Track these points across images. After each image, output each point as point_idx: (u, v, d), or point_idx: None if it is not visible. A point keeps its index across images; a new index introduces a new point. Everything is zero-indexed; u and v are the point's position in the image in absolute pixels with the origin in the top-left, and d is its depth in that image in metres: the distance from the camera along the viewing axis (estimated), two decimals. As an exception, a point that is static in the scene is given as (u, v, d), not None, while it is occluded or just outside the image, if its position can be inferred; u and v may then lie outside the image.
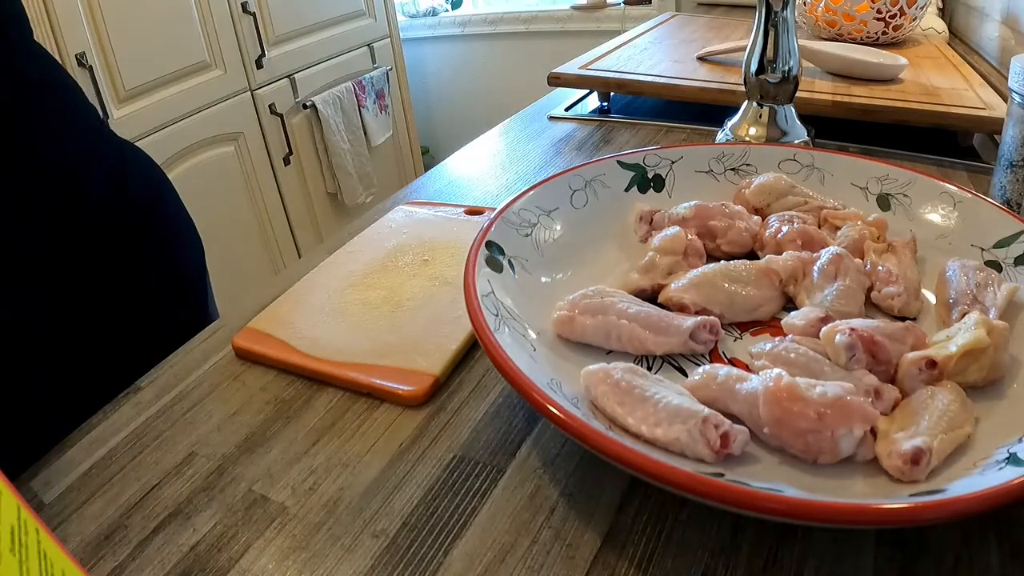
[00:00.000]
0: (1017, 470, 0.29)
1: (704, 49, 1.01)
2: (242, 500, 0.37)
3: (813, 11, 1.15)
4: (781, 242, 0.49)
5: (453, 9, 2.89)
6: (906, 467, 0.31)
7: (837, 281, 0.44)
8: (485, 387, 0.44)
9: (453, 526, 0.35)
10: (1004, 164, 0.55)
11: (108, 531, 0.36)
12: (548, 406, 0.32)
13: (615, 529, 0.34)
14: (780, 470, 0.34)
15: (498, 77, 2.76)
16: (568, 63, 0.99)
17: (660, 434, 0.33)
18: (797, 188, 0.55)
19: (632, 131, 0.87)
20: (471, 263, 0.42)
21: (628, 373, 0.36)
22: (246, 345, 0.48)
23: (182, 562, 0.34)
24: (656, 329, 0.41)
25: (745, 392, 0.35)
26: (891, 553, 0.32)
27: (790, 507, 0.28)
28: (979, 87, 0.85)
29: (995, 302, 0.41)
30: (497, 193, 0.72)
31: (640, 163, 0.57)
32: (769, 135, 0.69)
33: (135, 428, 0.43)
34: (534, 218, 0.50)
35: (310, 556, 0.34)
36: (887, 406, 0.36)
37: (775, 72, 0.67)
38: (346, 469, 0.39)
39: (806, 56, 0.89)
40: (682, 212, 0.52)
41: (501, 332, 0.38)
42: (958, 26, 1.34)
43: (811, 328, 0.40)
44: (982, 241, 0.48)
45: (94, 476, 0.40)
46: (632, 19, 2.36)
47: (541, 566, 0.33)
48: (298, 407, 0.43)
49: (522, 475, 0.38)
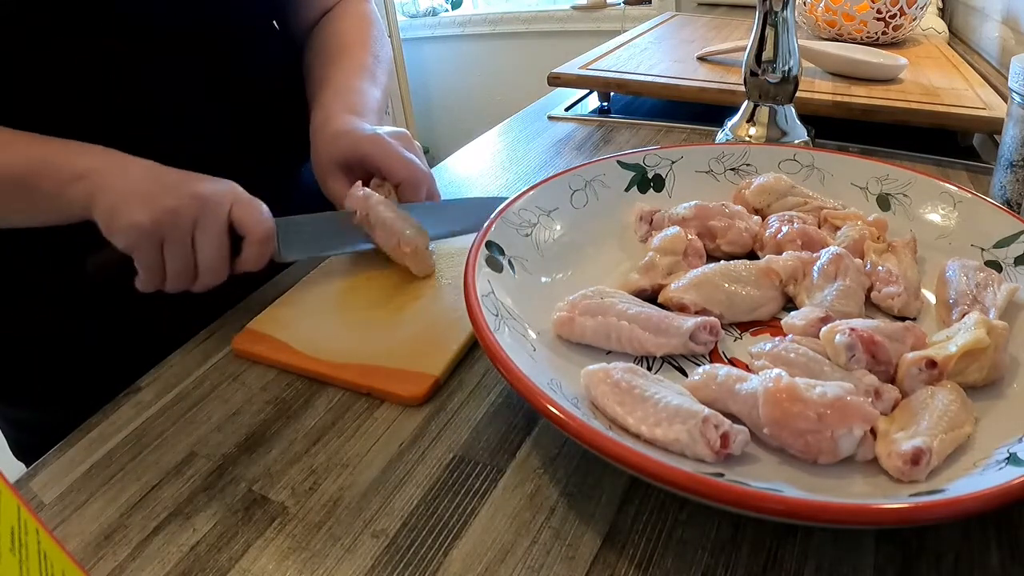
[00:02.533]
0: (1017, 470, 0.29)
1: (704, 49, 1.01)
2: (242, 500, 0.37)
3: (813, 11, 1.15)
4: (781, 242, 0.49)
5: (453, 9, 2.89)
6: (906, 467, 0.31)
7: (837, 281, 0.44)
8: (485, 387, 0.44)
9: (453, 526, 0.35)
10: (1004, 164, 0.55)
11: (108, 531, 0.36)
12: (548, 406, 0.32)
13: (615, 529, 0.34)
14: (780, 470, 0.34)
15: (498, 77, 2.76)
16: (568, 63, 1.00)
17: (660, 434, 0.33)
18: (797, 188, 0.55)
19: (632, 131, 0.87)
20: (471, 263, 0.42)
21: (628, 373, 0.36)
22: (246, 347, 0.48)
23: (182, 562, 0.34)
24: (656, 330, 0.41)
25: (745, 392, 0.35)
26: (891, 553, 0.32)
27: (790, 507, 0.28)
28: (979, 87, 0.85)
29: (995, 302, 0.41)
30: (497, 193, 0.72)
31: (640, 163, 0.57)
32: (769, 135, 0.69)
33: (135, 428, 0.43)
34: (534, 218, 0.50)
35: (310, 556, 0.34)
36: (887, 406, 0.36)
37: (775, 72, 0.67)
38: (346, 469, 0.39)
39: (806, 56, 0.89)
40: (682, 212, 0.52)
41: (501, 332, 0.38)
42: (958, 26, 1.34)
43: (811, 328, 0.40)
44: (982, 241, 0.48)
45: (94, 476, 0.40)
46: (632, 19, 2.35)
47: (541, 566, 0.33)
48: (298, 407, 0.43)
49: (522, 475, 0.38)
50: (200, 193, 0.45)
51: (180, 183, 0.46)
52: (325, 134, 0.56)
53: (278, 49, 0.68)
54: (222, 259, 0.47)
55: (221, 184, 0.48)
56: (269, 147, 0.65)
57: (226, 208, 0.47)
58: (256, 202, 0.49)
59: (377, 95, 0.62)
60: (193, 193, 0.45)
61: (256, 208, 0.48)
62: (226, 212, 0.47)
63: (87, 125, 0.52)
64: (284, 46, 0.69)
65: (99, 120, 0.53)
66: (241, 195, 0.48)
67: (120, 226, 0.45)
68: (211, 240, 0.46)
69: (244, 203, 0.48)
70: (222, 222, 0.46)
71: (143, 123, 0.55)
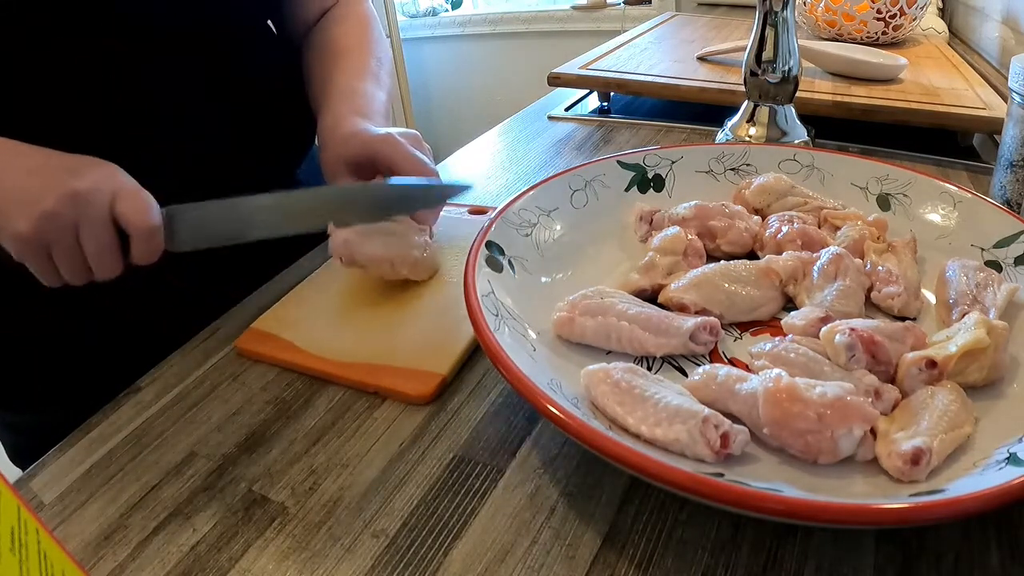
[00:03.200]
0: (1017, 470, 0.29)
1: (704, 49, 1.01)
2: (242, 500, 0.37)
3: (813, 11, 1.15)
4: (781, 242, 0.49)
5: (453, 9, 2.89)
6: (906, 467, 0.31)
7: (837, 281, 0.44)
8: (485, 387, 0.44)
9: (453, 526, 0.35)
10: (1004, 164, 0.55)
11: (108, 531, 0.36)
12: (548, 406, 0.32)
13: (615, 529, 0.34)
14: (780, 470, 0.34)
15: (498, 77, 2.76)
16: (568, 63, 1.00)
17: (660, 434, 0.33)
18: (797, 188, 0.55)
19: (632, 131, 0.87)
20: (471, 263, 0.42)
21: (628, 373, 0.36)
22: (250, 346, 0.48)
23: (182, 562, 0.34)
24: (656, 330, 0.41)
25: (745, 392, 0.35)
26: (891, 553, 0.32)
27: (790, 507, 0.28)
28: (979, 87, 0.85)
29: (995, 302, 0.41)
30: (497, 193, 0.72)
31: (640, 163, 0.57)
32: (769, 135, 0.69)
33: (135, 428, 0.43)
34: (534, 218, 0.50)
35: (310, 556, 0.34)
36: (887, 406, 0.36)
37: (775, 72, 0.67)
38: (346, 469, 0.39)
39: (806, 56, 0.89)
40: (682, 212, 0.52)
41: (501, 332, 0.38)
42: (958, 26, 1.34)
43: (811, 328, 0.40)
44: (982, 241, 0.48)
45: (94, 476, 0.40)
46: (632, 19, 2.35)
47: (541, 566, 0.33)
48: (298, 407, 0.43)
49: (522, 475, 0.38)
50: (77, 191, 0.43)
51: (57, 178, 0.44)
52: (336, 136, 0.56)
53: (278, 49, 0.68)
54: (111, 255, 0.45)
55: (101, 175, 0.45)
56: (268, 147, 0.65)
57: (106, 203, 0.44)
58: (140, 193, 0.46)
59: (382, 98, 0.62)
60: (70, 192, 0.43)
61: (138, 200, 0.45)
62: (107, 208, 0.44)
63: (87, 125, 0.52)
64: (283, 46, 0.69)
65: (99, 120, 0.53)
66: (124, 186, 0.46)
67: (6, 239, 0.44)
68: (95, 240, 0.44)
69: (126, 196, 0.45)
70: (103, 219, 0.44)
71: (143, 123, 0.55)
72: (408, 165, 0.53)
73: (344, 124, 0.56)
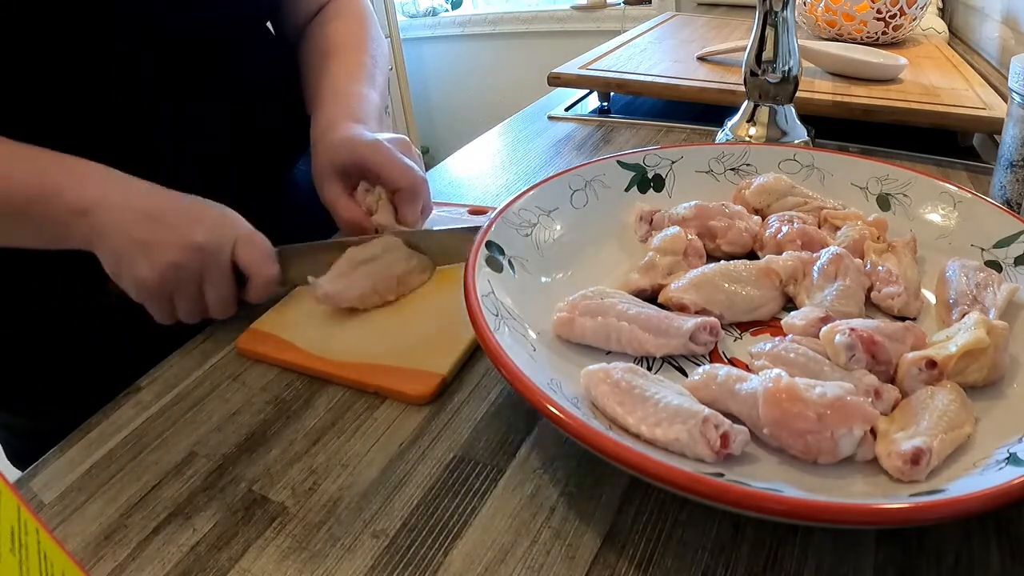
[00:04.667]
0: (1017, 470, 0.29)
1: (704, 49, 1.01)
2: (242, 500, 0.37)
3: (813, 11, 1.15)
4: (781, 242, 0.49)
5: (453, 9, 2.89)
6: (906, 467, 0.31)
7: (837, 281, 0.44)
8: (485, 387, 0.44)
9: (453, 526, 0.35)
10: (1004, 164, 0.55)
11: (108, 531, 0.36)
12: (548, 406, 0.32)
13: (615, 529, 0.34)
14: (780, 470, 0.34)
15: (498, 77, 2.76)
16: (568, 63, 0.99)
17: (660, 434, 0.33)
18: (797, 188, 0.55)
19: (632, 131, 0.87)
20: (471, 263, 0.42)
21: (628, 373, 0.36)
22: (251, 346, 0.48)
23: (182, 562, 0.34)
24: (656, 331, 0.41)
25: (745, 392, 0.35)
26: (891, 553, 0.32)
27: (790, 507, 0.28)
28: (979, 87, 0.85)
29: (995, 302, 0.41)
30: (497, 193, 0.72)
31: (640, 163, 0.57)
32: (769, 135, 0.69)
33: (135, 428, 0.43)
34: (534, 218, 0.50)
35: (310, 556, 0.34)
36: (887, 406, 0.36)
37: (775, 72, 0.67)
38: (346, 469, 0.39)
39: (806, 56, 0.89)
40: (682, 212, 0.52)
41: (501, 332, 0.38)
42: (958, 26, 1.34)
43: (811, 328, 0.40)
44: (982, 241, 0.48)
45: (94, 476, 0.40)
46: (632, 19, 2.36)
47: (541, 566, 0.33)
48: (298, 407, 0.43)
49: (522, 475, 0.38)
50: (201, 245, 0.45)
51: (179, 228, 0.46)
52: (326, 141, 0.56)
53: (276, 49, 0.68)
54: (231, 299, 0.49)
55: (221, 223, 0.48)
56: (267, 147, 0.65)
57: (228, 253, 0.47)
58: (255, 237, 0.49)
59: (376, 99, 0.62)
60: (195, 246, 0.45)
61: (259, 248, 0.48)
62: (228, 257, 0.47)
63: (87, 125, 0.52)
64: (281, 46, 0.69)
65: (98, 120, 0.53)
66: (242, 233, 0.48)
67: (126, 281, 0.46)
68: (217, 288, 0.47)
69: (246, 243, 0.48)
70: (225, 269, 0.47)
71: (142, 123, 0.55)
72: (397, 173, 0.53)
73: (335, 129, 0.56)
